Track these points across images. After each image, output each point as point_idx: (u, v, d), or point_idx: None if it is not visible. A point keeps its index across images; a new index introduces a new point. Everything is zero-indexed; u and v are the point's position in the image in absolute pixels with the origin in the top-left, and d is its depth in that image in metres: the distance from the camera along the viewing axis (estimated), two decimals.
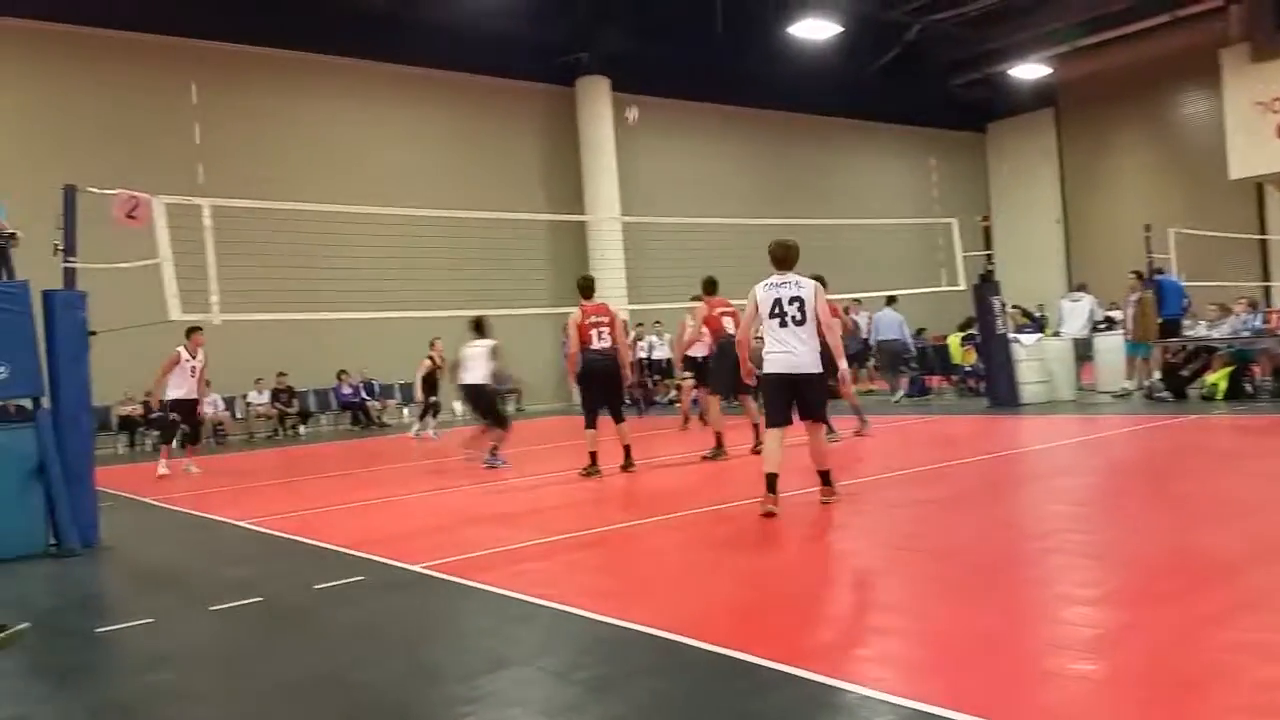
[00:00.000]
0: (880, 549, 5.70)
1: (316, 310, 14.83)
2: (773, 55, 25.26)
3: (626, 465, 9.92)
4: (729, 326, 10.60)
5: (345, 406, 21.41)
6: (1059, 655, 3.66)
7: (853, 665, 3.61)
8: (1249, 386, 13.27)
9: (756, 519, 6.56)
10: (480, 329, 11.73)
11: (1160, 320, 14.38)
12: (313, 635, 4.80)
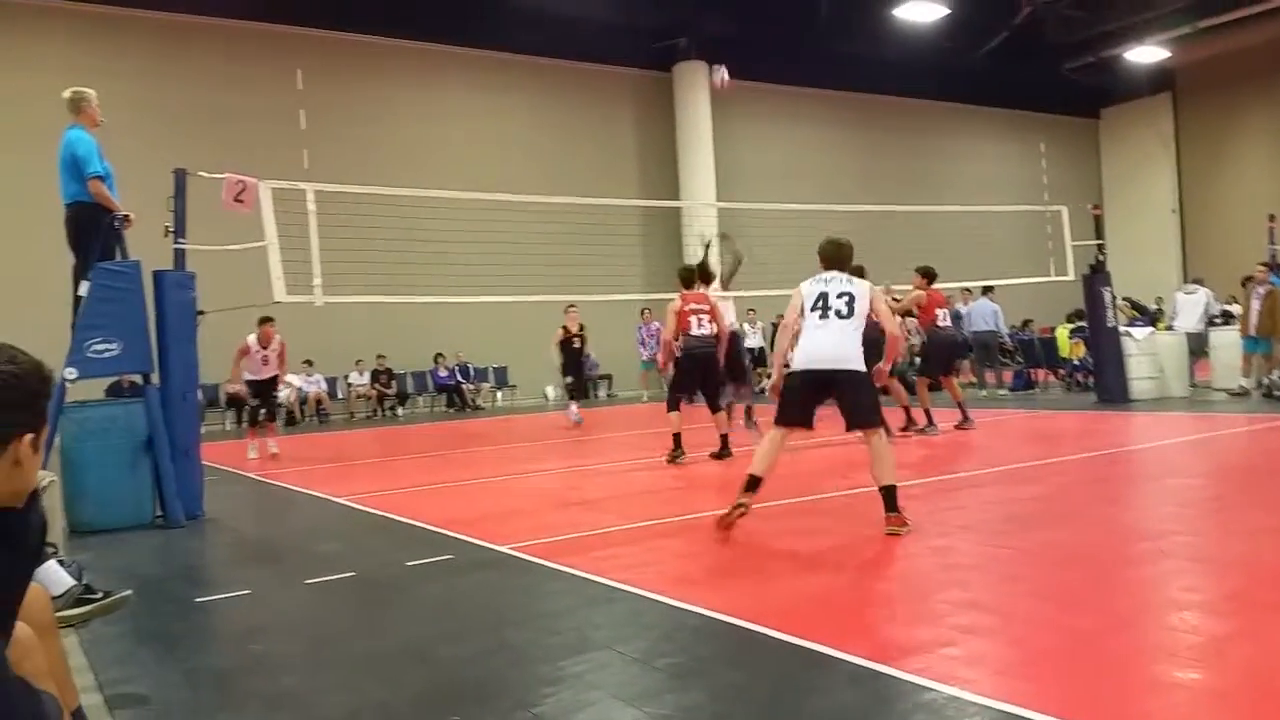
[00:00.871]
0: (975, 546, 5.54)
1: (414, 294, 15.12)
2: (877, 38, 24.80)
3: (722, 453, 9.85)
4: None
5: (441, 389, 21.80)
6: (1159, 662, 3.50)
7: (941, 664, 3.50)
8: None
9: (848, 511, 6.44)
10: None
11: None
12: (401, 610, 4.88)
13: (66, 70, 13.29)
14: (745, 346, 20.70)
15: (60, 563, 4.29)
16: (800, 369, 6.02)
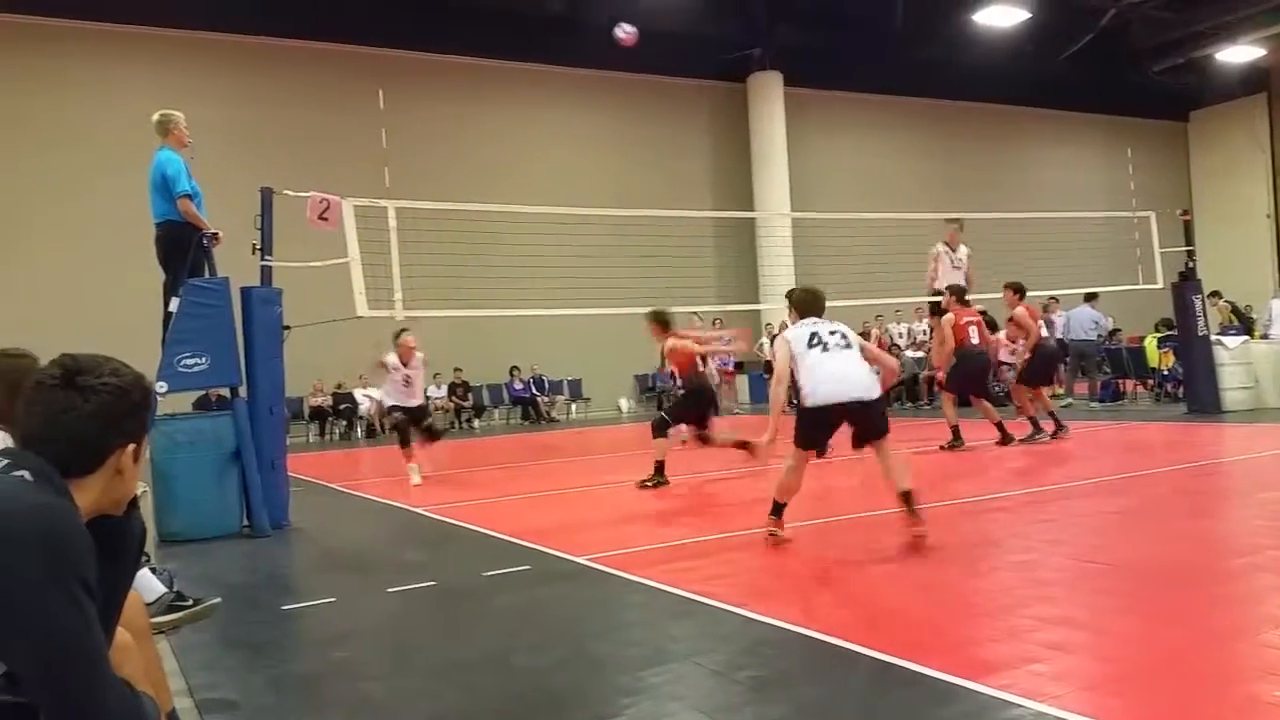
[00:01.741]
0: (1063, 559, 5.40)
1: (490, 307, 15.29)
2: (956, 44, 24.45)
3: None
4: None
5: (516, 401, 22.00)
6: (1254, 680, 3.36)
7: (1028, 680, 3.41)
8: None
9: (936, 524, 6.31)
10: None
11: None
12: (481, 619, 4.92)
13: (155, 94, 13.73)
14: None
15: (152, 570, 4.42)
16: (825, 403, 5.84)
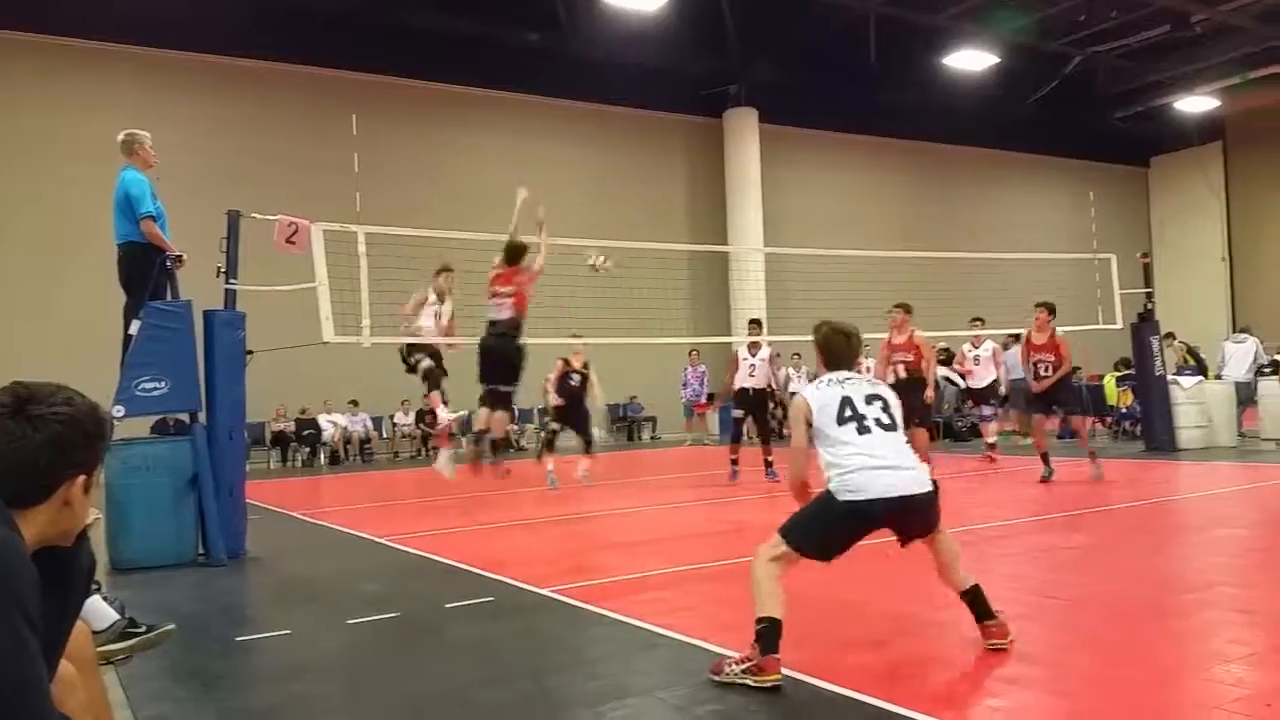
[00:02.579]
0: (1021, 595, 5.43)
1: (460, 335, 15.21)
2: (926, 86, 24.87)
3: None
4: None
5: None
6: (1206, 715, 3.40)
7: (985, 716, 3.43)
8: None
9: (881, 558, 6.30)
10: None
11: None
12: (442, 653, 4.87)
13: (134, 113, 13.57)
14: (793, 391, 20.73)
15: (104, 599, 4.34)
16: (871, 499, 4.21)
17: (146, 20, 18.82)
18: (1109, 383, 16.89)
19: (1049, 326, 11.17)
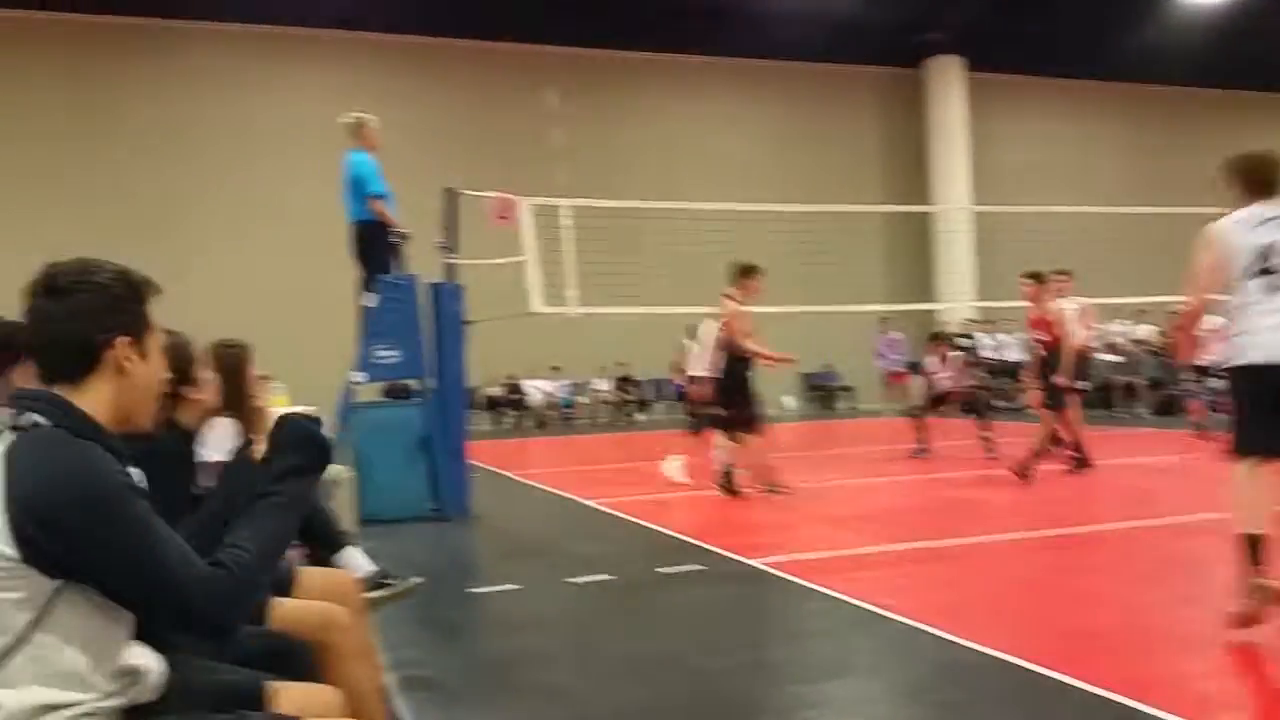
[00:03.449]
0: None
1: (658, 303, 15.47)
2: (1160, 22, 22.81)
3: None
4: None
5: (680, 397, 22.16)
6: None
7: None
8: None
9: (1125, 546, 6.08)
10: None
11: None
12: (658, 617, 5.04)
13: (340, 96, 14.32)
14: (1005, 359, 19.69)
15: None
16: (1262, 363, 3.98)
17: (343, 7, 19.79)
18: None
19: (1041, 299, 9.70)
